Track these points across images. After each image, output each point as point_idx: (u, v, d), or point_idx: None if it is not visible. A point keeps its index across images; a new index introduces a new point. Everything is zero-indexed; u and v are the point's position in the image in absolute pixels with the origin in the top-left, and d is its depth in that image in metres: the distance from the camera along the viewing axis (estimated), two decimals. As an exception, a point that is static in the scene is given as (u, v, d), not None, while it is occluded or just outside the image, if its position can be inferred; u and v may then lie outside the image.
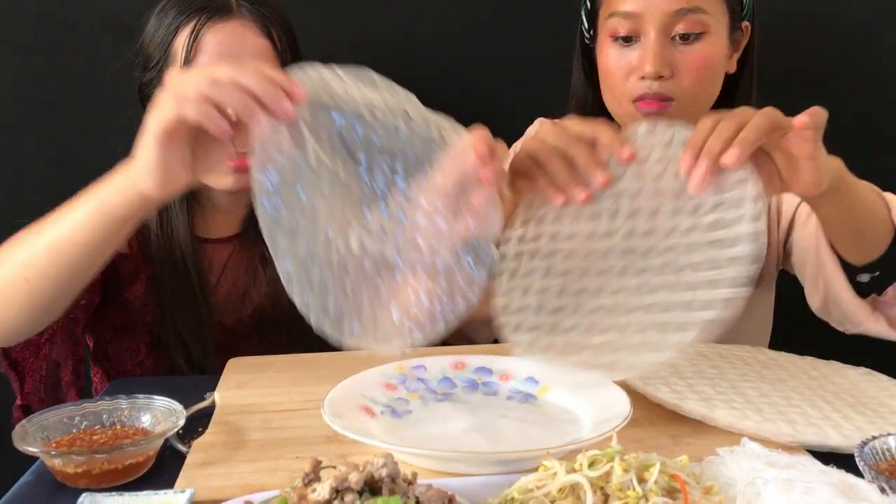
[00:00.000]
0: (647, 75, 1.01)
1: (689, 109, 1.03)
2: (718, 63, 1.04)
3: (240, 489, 0.63)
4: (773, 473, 0.57)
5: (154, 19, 1.04)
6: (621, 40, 1.03)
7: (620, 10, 1.02)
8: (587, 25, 1.12)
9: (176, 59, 1.02)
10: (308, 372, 0.90)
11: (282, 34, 1.05)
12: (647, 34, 1.01)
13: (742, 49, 1.09)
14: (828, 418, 0.74)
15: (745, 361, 0.91)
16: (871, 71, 1.45)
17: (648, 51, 1.01)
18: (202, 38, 1.01)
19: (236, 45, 1.01)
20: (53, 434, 0.73)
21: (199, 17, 1.01)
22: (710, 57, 1.02)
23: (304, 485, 0.54)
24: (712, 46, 1.02)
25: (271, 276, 1.10)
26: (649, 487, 0.55)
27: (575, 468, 0.56)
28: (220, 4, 1.02)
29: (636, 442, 0.69)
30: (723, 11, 1.03)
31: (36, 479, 0.70)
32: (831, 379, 0.86)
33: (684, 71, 1.02)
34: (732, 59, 1.08)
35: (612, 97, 1.08)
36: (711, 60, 1.03)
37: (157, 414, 0.75)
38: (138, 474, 0.69)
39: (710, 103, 1.07)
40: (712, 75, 1.04)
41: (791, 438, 0.70)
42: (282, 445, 0.72)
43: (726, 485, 0.59)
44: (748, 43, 1.09)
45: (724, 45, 1.05)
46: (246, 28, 1.02)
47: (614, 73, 1.05)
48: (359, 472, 0.52)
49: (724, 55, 1.05)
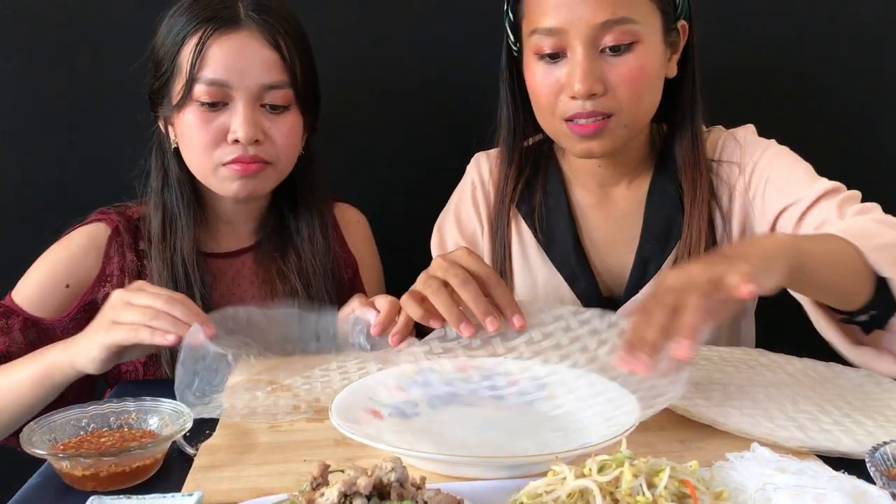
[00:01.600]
0: (578, 94, 0.95)
1: (629, 122, 0.98)
2: (654, 70, 0.98)
3: (248, 493, 0.63)
4: (784, 479, 0.57)
5: (164, 24, 1.04)
6: (547, 57, 0.97)
7: (542, 25, 0.96)
8: (513, 38, 1.05)
9: (182, 71, 1.01)
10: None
11: (291, 44, 1.04)
12: (574, 49, 0.95)
13: (681, 49, 1.03)
14: (838, 423, 0.73)
15: (749, 365, 0.90)
16: (843, 68, 1.43)
17: (577, 68, 0.94)
18: (208, 49, 1.00)
19: (243, 57, 1.01)
20: (61, 436, 0.73)
21: (205, 27, 1.00)
22: (643, 67, 0.96)
23: (313, 489, 0.54)
24: (645, 55, 0.96)
25: (290, 289, 1.10)
26: (659, 493, 0.54)
27: (584, 473, 0.56)
28: (228, 15, 1.01)
29: (645, 447, 0.69)
30: (653, 16, 0.97)
31: (44, 481, 0.70)
32: (834, 381, 0.86)
33: (618, 85, 0.95)
34: (672, 62, 1.02)
35: (543, 116, 1.02)
36: (646, 70, 0.96)
37: (165, 416, 0.75)
38: (146, 477, 0.69)
39: (651, 112, 1.02)
40: (649, 84, 0.98)
41: (802, 444, 0.69)
42: (290, 448, 0.72)
43: (736, 490, 0.58)
44: (687, 42, 1.03)
45: (658, 51, 0.98)
46: (253, 39, 1.01)
47: (543, 92, 0.99)
48: (367, 477, 0.52)
49: (660, 61, 0.99)
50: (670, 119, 1.07)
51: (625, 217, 1.10)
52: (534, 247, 1.11)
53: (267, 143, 1.04)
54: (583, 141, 0.99)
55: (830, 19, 1.42)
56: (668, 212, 1.07)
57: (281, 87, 1.04)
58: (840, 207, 0.93)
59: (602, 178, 1.10)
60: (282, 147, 1.05)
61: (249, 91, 1.02)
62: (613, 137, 0.99)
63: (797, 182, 1.00)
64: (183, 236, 1.07)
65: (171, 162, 1.09)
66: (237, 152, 1.02)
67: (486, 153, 1.18)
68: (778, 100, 1.42)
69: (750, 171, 1.04)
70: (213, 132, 1.02)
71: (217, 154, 1.03)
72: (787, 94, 1.43)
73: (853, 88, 1.44)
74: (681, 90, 1.05)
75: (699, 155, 1.05)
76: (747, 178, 1.04)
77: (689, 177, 1.05)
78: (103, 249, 1.07)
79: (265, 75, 1.02)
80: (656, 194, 1.08)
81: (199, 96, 1.01)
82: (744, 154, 1.05)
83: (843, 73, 1.43)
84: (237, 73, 1.01)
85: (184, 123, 1.03)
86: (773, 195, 1.01)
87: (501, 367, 0.83)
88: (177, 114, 1.04)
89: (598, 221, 1.11)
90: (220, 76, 1.00)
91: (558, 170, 1.13)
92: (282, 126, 1.05)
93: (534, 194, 1.12)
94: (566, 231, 1.10)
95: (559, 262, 1.10)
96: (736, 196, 1.05)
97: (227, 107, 1.02)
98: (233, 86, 1.01)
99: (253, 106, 1.02)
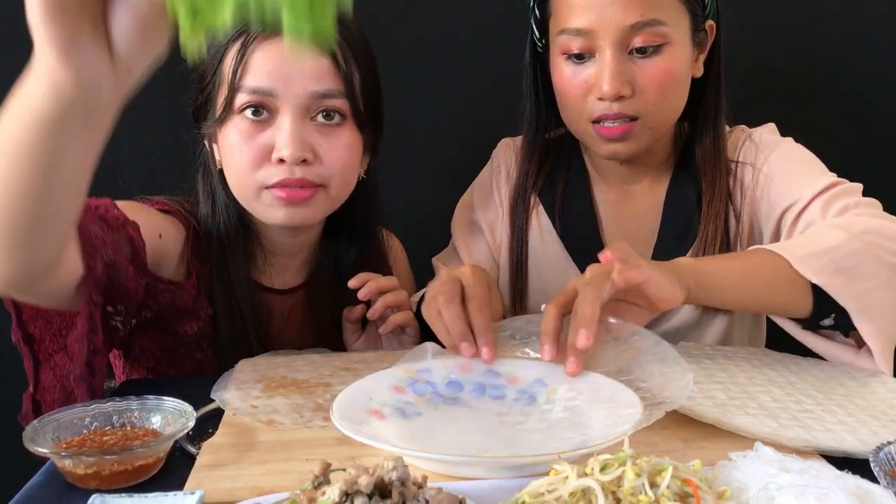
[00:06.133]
0: (606, 96, 0.94)
1: (655, 124, 0.98)
2: (682, 72, 0.98)
3: (249, 491, 0.63)
4: (787, 478, 0.57)
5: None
6: (574, 58, 0.96)
7: (571, 26, 0.95)
8: (538, 34, 1.04)
9: (224, 80, 0.92)
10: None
11: (348, 49, 0.93)
12: (602, 50, 0.94)
13: (708, 49, 1.03)
14: (843, 423, 0.73)
15: (752, 364, 0.90)
16: (857, 65, 1.43)
17: (605, 70, 0.93)
18: (251, 55, 0.90)
19: (289, 62, 0.90)
20: (64, 435, 0.73)
21: (248, 32, 0.90)
22: (672, 69, 0.95)
23: (314, 487, 0.54)
24: (674, 57, 0.95)
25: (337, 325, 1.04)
26: (661, 492, 0.54)
27: (586, 472, 0.56)
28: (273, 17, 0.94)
29: (648, 446, 0.69)
30: (682, 16, 0.96)
31: (47, 479, 0.70)
32: (839, 380, 0.85)
33: (646, 87, 0.95)
34: (698, 62, 1.02)
35: (569, 116, 1.02)
36: (674, 72, 0.96)
37: (168, 415, 0.75)
38: (148, 475, 0.69)
39: (677, 114, 1.02)
40: (676, 86, 0.98)
41: (806, 443, 0.69)
42: (292, 447, 0.72)
43: (739, 490, 0.58)
44: (714, 42, 1.03)
45: (686, 53, 0.98)
46: None
47: (570, 92, 0.98)
48: (369, 476, 0.52)
49: (687, 62, 0.99)
50: (693, 118, 1.07)
51: (644, 215, 1.10)
52: (553, 237, 1.12)
53: (317, 162, 0.92)
54: (609, 143, 0.99)
55: (856, 16, 1.40)
56: (685, 212, 1.07)
57: (334, 97, 0.92)
58: (825, 207, 0.93)
59: (624, 176, 1.10)
60: (334, 167, 0.94)
61: (297, 100, 0.91)
62: (639, 140, 0.99)
63: (798, 181, 0.99)
64: (235, 265, 0.98)
65: (218, 186, 0.99)
66: (282, 174, 0.91)
67: (513, 140, 1.18)
68: (801, 98, 1.41)
69: (759, 171, 1.04)
70: (257, 149, 0.92)
71: (260, 175, 0.92)
72: (810, 92, 1.43)
73: (880, 88, 1.43)
74: (705, 90, 1.04)
75: (720, 156, 1.05)
76: (757, 178, 1.04)
77: (708, 178, 1.05)
78: (187, 247, 0.96)
79: (314, 82, 0.91)
80: (675, 194, 1.08)
81: (241, 106, 0.92)
82: (758, 154, 1.05)
83: (869, 72, 1.42)
84: (282, 80, 0.90)
85: (226, 140, 0.94)
86: (776, 196, 1.01)
87: (501, 367, 0.83)
88: (219, 129, 0.95)
89: (618, 218, 1.12)
90: (264, 84, 0.90)
91: (582, 164, 1.13)
92: (335, 143, 0.93)
93: (556, 187, 1.12)
94: (587, 225, 1.10)
95: (577, 255, 1.10)
96: (746, 195, 1.05)
97: (273, 121, 0.92)
98: (278, 94, 0.91)
99: (301, 119, 0.92)
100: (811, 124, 1.11)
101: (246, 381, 0.87)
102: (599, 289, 0.76)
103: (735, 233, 1.05)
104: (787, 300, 0.85)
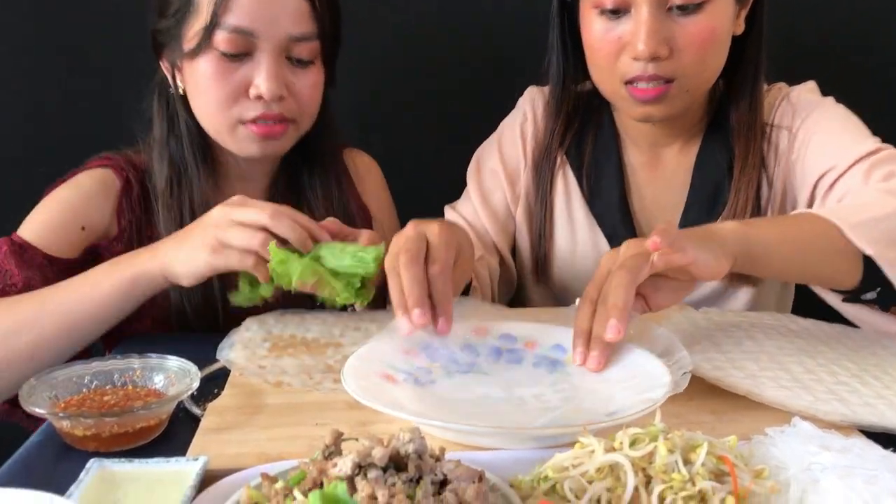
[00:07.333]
0: (641, 56, 0.88)
1: (693, 87, 0.93)
2: (724, 31, 0.91)
3: (255, 458, 0.60)
4: (830, 458, 0.53)
5: None
6: (609, 13, 0.90)
7: None
8: None
9: (200, 12, 0.93)
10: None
11: None
12: (639, 6, 0.88)
13: (750, 4, 0.95)
14: (881, 396, 0.69)
15: (779, 331, 0.85)
16: None
17: (641, 27, 0.87)
18: None
19: (273, 3, 0.92)
20: (62, 393, 0.70)
21: None
22: (713, 28, 0.89)
23: (325, 458, 0.50)
24: (716, 14, 0.89)
25: None
26: (696, 470, 0.50)
27: (614, 447, 0.52)
28: None
29: (675, 417, 0.65)
30: None
31: (45, 439, 0.68)
32: (871, 350, 0.81)
33: (685, 47, 0.89)
34: (740, 18, 0.95)
35: (600, 75, 0.96)
36: (715, 31, 0.90)
37: (171, 375, 0.72)
38: (150, 438, 0.66)
39: (716, 75, 0.96)
40: (717, 46, 0.92)
41: (844, 418, 0.65)
42: (300, 411, 0.69)
43: (777, 468, 0.54)
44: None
45: (729, 9, 0.91)
46: None
47: (601, 49, 0.92)
48: (383, 447, 0.48)
49: (730, 20, 0.92)
50: (730, 77, 1.00)
51: (673, 179, 1.05)
52: (578, 199, 1.07)
53: (290, 99, 0.97)
54: (642, 105, 0.93)
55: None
56: (716, 178, 1.02)
57: (309, 40, 0.96)
58: (867, 173, 0.87)
59: (655, 139, 1.05)
60: (305, 104, 0.99)
61: (276, 42, 0.94)
62: (674, 103, 0.94)
63: (838, 145, 0.93)
64: (192, 190, 1.00)
65: (179, 109, 1.00)
66: (259, 110, 0.95)
67: (541, 89, 1.11)
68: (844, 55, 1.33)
69: (795, 134, 0.98)
70: (233, 86, 0.94)
71: (236, 110, 0.95)
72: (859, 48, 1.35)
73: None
74: (746, 48, 0.97)
75: (756, 119, 0.99)
76: (792, 143, 0.98)
77: (741, 143, 0.99)
78: (116, 200, 1.00)
79: (294, 25, 0.94)
80: (707, 158, 1.02)
81: (220, 44, 0.92)
82: (795, 116, 0.99)
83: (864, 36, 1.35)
84: (265, 22, 0.92)
85: (198, 73, 0.95)
86: (812, 160, 0.95)
87: (517, 330, 0.79)
88: (188, 61, 0.95)
89: (646, 182, 1.06)
90: (246, 24, 0.92)
91: (612, 123, 1.07)
92: (306, 81, 0.98)
93: (584, 146, 1.07)
94: (614, 188, 1.05)
95: (602, 218, 1.05)
96: (781, 160, 1.00)
97: (250, 58, 0.94)
98: (259, 35, 0.93)
99: (278, 59, 0.95)
100: (856, 84, 1.05)
101: (253, 339, 0.84)
102: (636, 272, 0.68)
103: (767, 199, 1.00)
104: (834, 270, 0.79)
